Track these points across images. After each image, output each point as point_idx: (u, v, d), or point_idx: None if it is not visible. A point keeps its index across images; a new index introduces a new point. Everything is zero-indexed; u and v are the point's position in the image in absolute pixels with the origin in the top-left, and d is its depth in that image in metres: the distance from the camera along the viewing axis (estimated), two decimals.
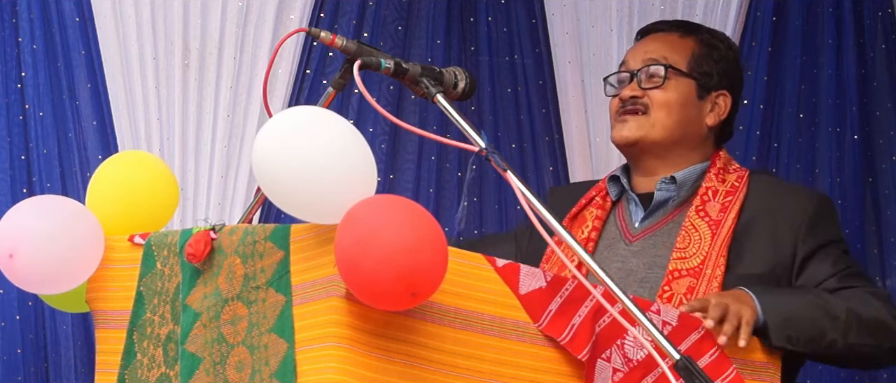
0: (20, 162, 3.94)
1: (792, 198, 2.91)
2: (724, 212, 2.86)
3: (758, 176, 2.98)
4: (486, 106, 4.18)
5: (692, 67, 2.99)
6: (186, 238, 2.44)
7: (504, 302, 2.36)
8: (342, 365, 2.21)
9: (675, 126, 2.96)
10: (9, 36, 3.95)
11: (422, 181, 4.14)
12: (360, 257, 2.13)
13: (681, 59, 2.99)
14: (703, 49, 3.01)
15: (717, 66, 3.00)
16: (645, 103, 2.97)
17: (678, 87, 2.97)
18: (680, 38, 3.03)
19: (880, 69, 4.17)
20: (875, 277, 4.13)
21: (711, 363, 2.54)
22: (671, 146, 2.97)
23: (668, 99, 2.96)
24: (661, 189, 2.95)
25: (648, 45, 3.04)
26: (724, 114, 3.01)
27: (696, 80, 2.98)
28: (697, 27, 3.08)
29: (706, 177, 2.94)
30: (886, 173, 4.16)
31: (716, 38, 3.05)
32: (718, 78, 3.00)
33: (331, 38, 2.51)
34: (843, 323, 2.70)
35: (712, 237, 2.82)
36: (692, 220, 2.86)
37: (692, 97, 2.98)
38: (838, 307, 2.71)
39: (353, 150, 2.22)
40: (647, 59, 2.99)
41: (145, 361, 2.52)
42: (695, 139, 2.99)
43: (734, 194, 2.90)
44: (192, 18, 3.98)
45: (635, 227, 2.95)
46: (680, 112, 2.97)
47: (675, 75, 2.97)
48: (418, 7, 4.16)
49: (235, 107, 3.99)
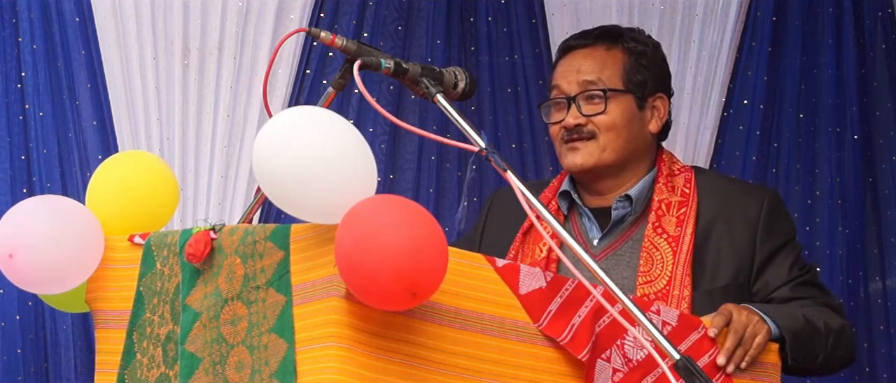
0: (20, 162, 3.94)
1: (743, 199, 2.93)
2: (680, 225, 2.87)
3: (704, 176, 2.99)
4: (486, 106, 4.18)
5: (626, 82, 2.97)
6: (186, 238, 2.44)
7: (504, 303, 2.36)
8: (342, 365, 2.21)
9: (625, 145, 2.96)
10: (9, 36, 3.95)
11: (422, 181, 4.14)
12: (360, 257, 2.13)
13: (614, 75, 2.97)
14: (632, 58, 2.99)
15: (648, 73, 2.99)
16: (591, 130, 2.96)
17: (619, 106, 2.96)
18: (607, 51, 3.00)
19: (880, 69, 4.17)
20: (875, 277, 4.14)
21: (711, 362, 2.54)
22: (624, 164, 2.98)
23: (614, 121, 2.95)
24: (617, 208, 2.95)
25: (577, 63, 3.00)
26: (664, 116, 3.02)
27: (633, 93, 2.97)
28: (618, 34, 3.04)
29: (656, 188, 2.95)
30: (886, 173, 4.16)
31: (639, 41, 3.02)
32: (652, 83, 3.00)
33: (331, 38, 2.51)
34: (824, 337, 2.77)
35: (674, 255, 2.84)
36: (651, 239, 2.86)
37: (634, 112, 2.98)
38: (819, 320, 2.78)
39: (353, 150, 2.22)
40: (581, 82, 2.97)
41: (145, 361, 2.52)
42: (642, 150, 3.00)
43: (686, 203, 2.91)
44: (192, 18, 3.98)
45: (594, 245, 2.94)
46: (626, 130, 2.96)
47: (614, 95, 2.95)
48: (418, 7, 4.16)
49: (235, 108, 3.99)
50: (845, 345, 2.82)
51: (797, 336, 2.70)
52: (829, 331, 2.78)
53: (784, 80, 4.18)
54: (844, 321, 2.84)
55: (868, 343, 4.13)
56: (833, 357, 2.80)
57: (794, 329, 2.70)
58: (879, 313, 4.15)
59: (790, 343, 2.68)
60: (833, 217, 4.11)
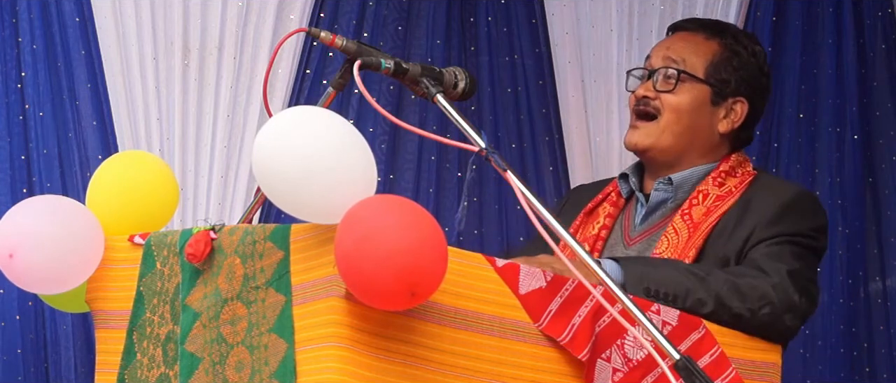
0: (20, 162, 3.93)
1: (772, 192, 2.88)
2: (708, 215, 2.86)
3: (761, 178, 2.95)
4: (486, 106, 4.18)
5: (709, 73, 2.97)
6: (186, 238, 2.44)
7: (504, 302, 2.36)
8: (342, 365, 2.21)
9: (684, 131, 2.96)
10: (9, 36, 3.94)
11: (422, 181, 4.14)
12: (359, 257, 2.13)
13: (700, 62, 2.98)
14: (725, 53, 2.99)
15: (736, 73, 2.98)
16: (656, 106, 2.97)
17: (691, 92, 2.96)
18: (705, 39, 3.01)
19: (880, 69, 4.17)
20: (875, 277, 4.13)
21: (711, 363, 2.54)
22: (681, 151, 2.97)
23: (680, 103, 2.96)
24: (657, 189, 2.95)
25: (673, 43, 3.03)
26: (740, 121, 2.99)
27: (711, 86, 2.97)
28: (725, 29, 3.06)
29: (704, 180, 2.94)
30: (886, 173, 4.16)
31: (740, 43, 3.01)
32: (736, 84, 2.98)
33: (331, 38, 2.51)
34: (713, 286, 2.63)
35: (688, 239, 2.82)
36: (675, 225, 2.86)
37: (705, 103, 2.97)
38: (710, 271, 2.67)
39: (353, 150, 2.22)
40: (666, 58, 2.99)
41: (145, 361, 2.52)
42: (705, 145, 2.98)
43: (725, 199, 2.88)
44: (192, 18, 3.98)
45: (635, 229, 2.95)
46: (690, 117, 2.96)
47: (689, 80, 2.96)
48: (418, 7, 4.16)
49: (235, 108, 3.99)
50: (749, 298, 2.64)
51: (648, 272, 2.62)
52: (720, 279, 2.64)
53: (784, 80, 4.18)
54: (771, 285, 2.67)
55: (868, 343, 4.13)
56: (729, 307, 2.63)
57: (644, 267, 2.63)
58: (879, 313, 4.14)
59: (632, 275, 2.60)
60: (833, 217, 4.11)
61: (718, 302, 2.63)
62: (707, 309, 2.62)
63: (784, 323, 2.69)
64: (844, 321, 4.11)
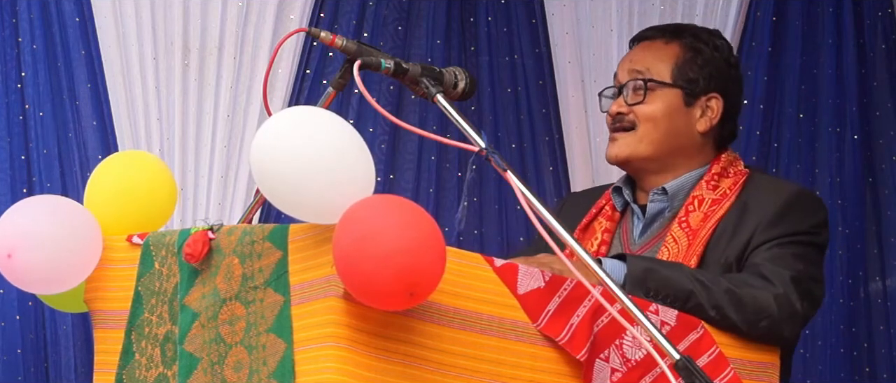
0: (20, 162, 3.94)
1: (769, 194, 2.87)
2: (705, 221, 2.85)
3: (756, 178, 2.94)
4: (486, 106, 4.18)
5: (676, 76, 2.96)
6: (184, 238, 2.44)
7: (503, 302, 2.36)
8: (340, 365, 2.21)
9: (663, 138, 2.95)
10: (9, 36, 3.95)
11: (422, 181, 4.14)
12: (358, 257, 2.13)
13: (664, 67, 2.97)
14: (688, 53, 2.98)
15: (702, 70, 2.97)
16: (631, 120, 2.96)
17: (662, 98, 2.95)
18: (665, 44, 3.00)
19: (880, 69, 4.17)
20: (875, 277, 4.13)
21: (710, 362, 2.54)
22: (664, 158, 2.96)
23: (653, 112, 2.95)
24: (653, 200, 2.95)
25: (635, 54, 3.02)
26: (717, 117, 2.98)
27: (681, 88, 2.96)
28: (682, 30, 3.04)
29: (697, 185, 2.93)
30: (886, 173, 4.16)
31: (700, 40, 3.00)
32: (705, 82, 2.97)
33: (331, 38, 2.51)
34: (715, 294, 2.63)
35: (688, 247, 2.81)
36: (674, 234, 2.85)
37: (678, 106, 2.96)
38: (714, 279, 2.66)
39: (352, 150, 2.22)
40: (631, 71, 2.98)
41: (143, 361, 2.52)
42: (689, 148, 2.98)
43: (721, 202, 2.87)
44: (192, 18, 3.98)
45: (635, 243, 2.94)
46: (666, 123, 2.95)
47: (658, 87, 2.95)
48: (418, 7, 4.16)
49: (235, 107, 3.99)
50: (746, 311, 2.63)
51: (652, 271, 2.63)
52: (721, 287, 2.63)
53: (784, 80, 4.18)
54: (772, 293, 2.66)
55: (868, 343, 4.13)
56: (726, 317, 2.62)
57: (649, 266, 2.64)
58: (879, 313, 4.14)
59: (634, 273, 2.62)
60: (833, 217, 4.10)
61: (718, 311, 2.63)
62: (705, 317, 2.62)
63: (782, 334, 2.69)
64: (844, 321, 4.11)
